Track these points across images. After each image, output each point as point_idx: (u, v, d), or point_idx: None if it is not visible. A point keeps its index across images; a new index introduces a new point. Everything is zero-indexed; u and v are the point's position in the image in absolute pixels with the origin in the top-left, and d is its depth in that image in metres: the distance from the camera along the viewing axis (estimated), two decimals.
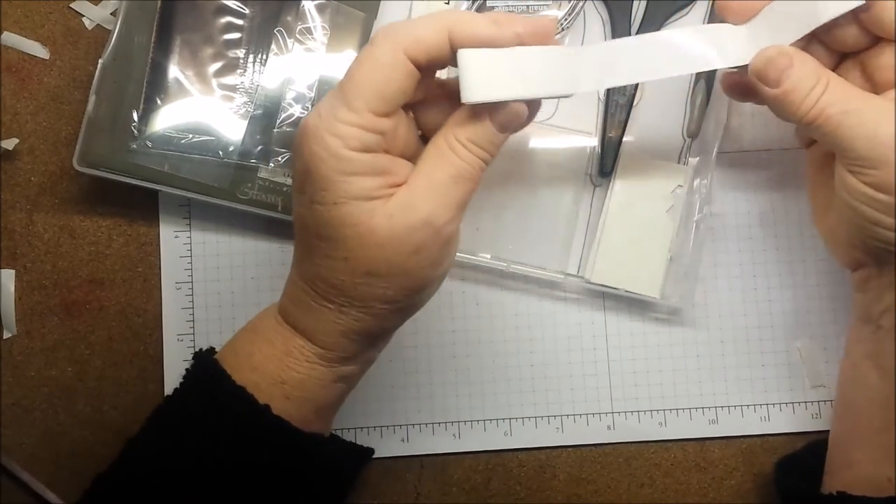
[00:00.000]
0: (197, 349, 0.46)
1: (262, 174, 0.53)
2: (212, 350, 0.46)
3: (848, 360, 0.48)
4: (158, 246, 0.56)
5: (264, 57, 0.54)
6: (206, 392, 0.44)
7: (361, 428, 0.55)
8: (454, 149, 0.39)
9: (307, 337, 0.43)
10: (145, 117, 0.52)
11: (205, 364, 0.45)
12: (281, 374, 0.43)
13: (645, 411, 0.56)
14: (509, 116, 0.40)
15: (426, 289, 0.42)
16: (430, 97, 0.42)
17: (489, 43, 0.38)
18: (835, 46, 0.44)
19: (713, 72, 0.54)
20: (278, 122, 0.54)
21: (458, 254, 0.54)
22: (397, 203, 0.38)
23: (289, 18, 0.54)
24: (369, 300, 0.40)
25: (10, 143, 0.55)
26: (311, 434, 0.44)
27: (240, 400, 0.42)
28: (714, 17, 0.55)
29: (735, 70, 0.44)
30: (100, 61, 0.52)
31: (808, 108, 0.41)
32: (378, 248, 0.38)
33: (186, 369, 0.46)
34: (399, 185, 0.39)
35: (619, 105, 0.54)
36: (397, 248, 0.39)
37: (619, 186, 0.55)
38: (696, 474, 0.56)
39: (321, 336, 0.42)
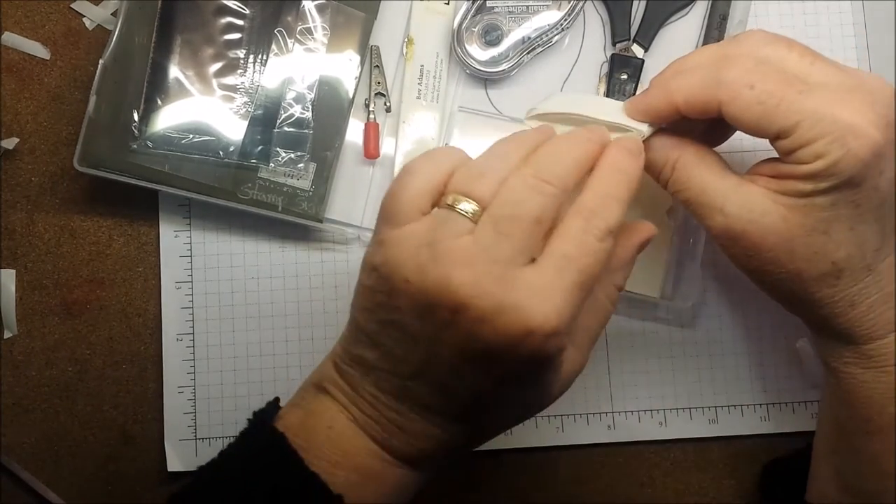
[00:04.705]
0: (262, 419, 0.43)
1: (263, 174, 0.54)
2: (275, 428, 0.42)
3: (823, 379, 0.48)
4: (158, 246, 0.56)
5: (264, 57, 0.54)
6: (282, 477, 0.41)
7: None
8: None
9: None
10: (146, 117, 0.52)
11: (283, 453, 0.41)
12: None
13: (645, 411, 0.55)
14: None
15: None
16: None
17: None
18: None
19: None
20: (278, 122, 0.54)
21: None
22: None
23: (289, 18, 0.54)
24: None
25: (10, 143, 0.56)
26: None
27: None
28: (714, 17, 0.55)
29: None
30: (100, 61, 0.52)
31: (664, 185, 0.43)
32: None
33: (254, 439, 0.43)
34: None
35: None
36: None
37: None
38: (696, 474, 0.56)
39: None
